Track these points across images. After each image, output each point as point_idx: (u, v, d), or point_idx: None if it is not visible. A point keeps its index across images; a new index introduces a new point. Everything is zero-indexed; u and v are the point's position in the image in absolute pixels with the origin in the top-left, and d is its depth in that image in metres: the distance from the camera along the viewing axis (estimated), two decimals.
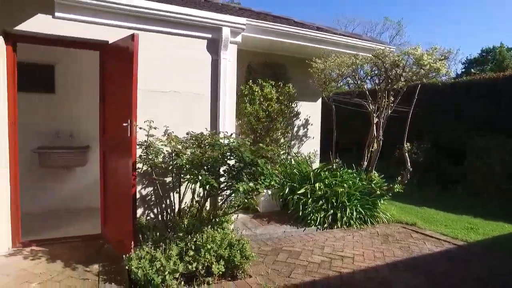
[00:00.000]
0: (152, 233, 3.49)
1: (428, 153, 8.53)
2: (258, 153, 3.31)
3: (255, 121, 5.50)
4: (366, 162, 5.88)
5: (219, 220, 3.86)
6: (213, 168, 3.32)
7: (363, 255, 4.04)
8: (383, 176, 5.77)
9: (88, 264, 3.38)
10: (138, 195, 3.93)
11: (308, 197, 5.01)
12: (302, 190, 5.05)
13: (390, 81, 5.38)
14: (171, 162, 3.81)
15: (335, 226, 4.96)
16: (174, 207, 4.05)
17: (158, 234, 3.48)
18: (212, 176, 3.22)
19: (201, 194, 3.97)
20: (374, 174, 5.65)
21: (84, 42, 3.84)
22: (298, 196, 5.06)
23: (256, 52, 5.75)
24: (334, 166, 5.83)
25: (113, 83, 3.78)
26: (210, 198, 3.95)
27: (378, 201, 5.37)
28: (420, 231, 4.99)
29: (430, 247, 4.36)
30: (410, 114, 5.47)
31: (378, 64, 5.33)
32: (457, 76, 17.16)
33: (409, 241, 4.58)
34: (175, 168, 3.75)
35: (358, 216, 5.09)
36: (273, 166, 3.55)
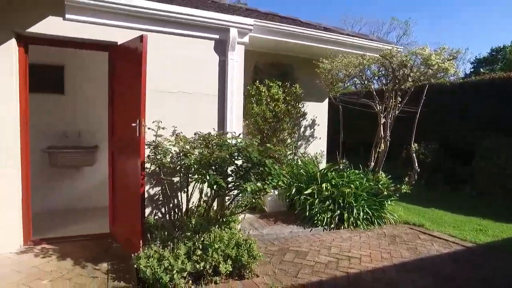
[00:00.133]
0: (160, 232, 3.52)
1: (435, 153, 8.46)
2: (266, 153, 3.32)
3: (262, 121, 5.51)
4: (373, 163, 5.86)
5: (226, 220, 3.88)
6: (221, 168, 3.34)
7: (370, 256, 4.03)
8: (390, 176, 5.74)
9: (97, 262, 3.42)
10: (146, 195, 3.95)
11: (315, 197, 5.01)
12: (309, 191, 5.05)
13: (397, 81, 5.35)
14: (179, 162, 3.84)
15: (342, 227, 4.95)
16: (181, 207, 4.08)
17: (166, 233, 3.51)
18: (220, 176, 3.24)
19: (208, 194, 4.00)
20: (381, 174, 5.62)
21: (93, 43, 3.90)
22: (305, 196, 5.06)
23: (263, 52, 5.76)
24: (341, 167, 5.82)
25: (122, 84, 3.83)
26: (217, 198, 3.97)
27: (385, 201, 5.34)
28: (428, 232, 4.95)
29: (438, 248, 4.33)
30: (417, 115, 5.44)
31: (385, 64, 5.31)
32: (465, 76, 16.95)
33: (416, 242, 4.56)
34: (183, 168, 3.78)
35: (365, 216, 5.07)
36: (280, 166, 3.56)
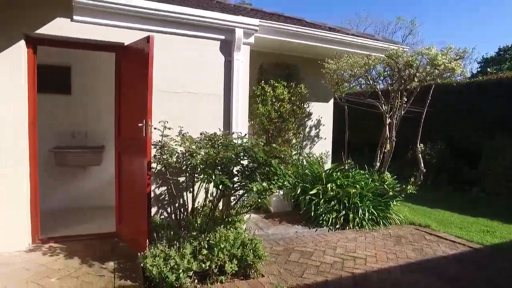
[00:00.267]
0: (166, 231, 3.54)
1: (442, 154, 8.40)
2: (272, 153, 3.33)
3: (267, 121, 5.52)
4: (378, 163, 5.84)
5: (232, 219, 3.90)
6: (226, 168, 3.35)
7: (376, 256, 4.01)
8: (396, 177, 5.71)
9: (103, 261, 3.45)
10: (152, 194, 3.98)
11: (320, 197, 5.01)
12: (314, 191, 5.05)
13: (403, 81, 5.33)
14: (185, 162, 3.86)
15: (347, 227, 4.94)
16: (187, 206, 4.10)
17: (172, 232, 3.53)
18: (226, 176, 3.26)
19: (214, 194, 4.02)
20: (386, 175, 5.60)
21: (100, 44, 3.93)
22: (310, 196, 5.06)
23: (268, 52, 5.77)
24: (346, 167, 5.81)
25: (128, 84, 3.86)
26: (223, 198, 3.99)
27: (390, 202, 5.32)
28: (433, 233, 4.93)
29: (444, 250, 4.30)
30: (423, 115, 5.41)
31: (391, 64, 5.28)
32: (472, 75, 16.74)
33: (422, 243, 4.53)
34: (189, 168, 3.80)
35: (370, 217, 5.06)
36: (285, 166, 3.57)
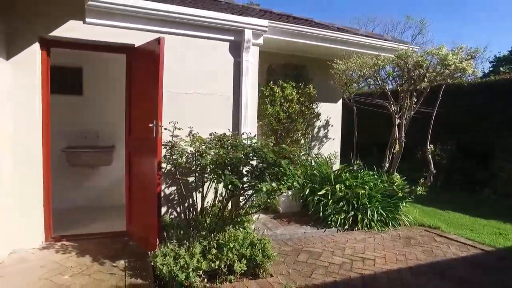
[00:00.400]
0: (176, 231, 3.59)
1: (452, 155, 8.30)
2: (281, 154, 3.35)
3: (276, 122, 5.53)
4: (387, 164, 5.80)
5: (241, 219, 3.92)
6: (236, 168, 3.38)
7: (385, 258, 4.00)
8: (405, 178, 5.67)
9: (114, 259, 3.51)
10: (162, 194, 4.02)
11: (328, 198, 5.00)
12: (322, 191, 5.04)
13: (413, 81, 5.29)
14: (195, 162, 3.90)
15: (356, 228, 4.92)
16: (196, 206, 4.14)
17: (181, 232, 3.57)
18: (235, 176, 3.28)
19: (223, 194, 4.04)
20: (395, 176, 5.56)
21: (111, 45, 3.99)
22: (318, 197, 5.06)
23: (276, 53, 5.78)
24: (354, 168, 5.78)
25: (139, 85, 3.91)
26: (232, 198, 4.01)
27: (400, 203, 5.28)
28: (444, 235, 4.88)
29: (455, 252, 4.26)
30: (433, 115, 5.36)
31: (400, 64, 5.25)
32: (484, 75, 16.43)
33: (432, 244, 4.49)
34: (199, 168, 3.83)
35: (379, 218, 5.03)
36: (294, 167, 3.58)
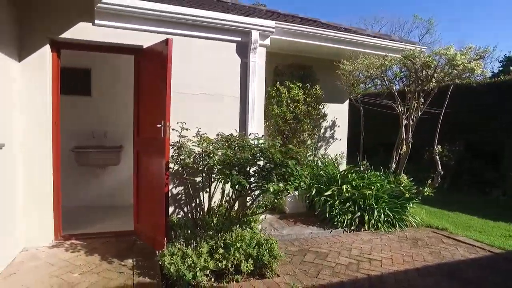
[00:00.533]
0: (183, 230, 3.62)
1: (460, 155, 8.22)
2: (288, 154, 3.36)
3: (282, 122, 5.54)
4: (394, 165, 5.78)
5: (247, 219, 3.94)
6: (243, 168, 3.40)
7: (392, 259, 3.98)
8: (412, 179, 5.64)
9: (122, 258, 3.55)
10: (169, 194, 4.06)
11: (335, 198, 5.00)
12: (329, 192, 5.04)
13: (420, 82, 5.26)
14: (202, 162, 3.92)
15: (362, 229, 4.91)
16: (203, 206, 4.17)
17: (189, 232, 3.60)
18: (242, 176, 3.30)
19: (230, 194, 4.06)
20: (402, 176, 5.53)
21: (120, 47, 4.04)
22: (325, 197, 5.05)
23: (283, 54, 5.79)
24: (361, 168, 5.77)
25: (147, 86, 3.95)
26: (239, 198, 4.03)
27: (407, 204, 5.25)
28: (452, 237, 4.84)
29: (463, 253, 4.22)
30: (441, 116, 5.32)
31: (407, 65, 5.22)
32: (493, 75, 16.17)
33: (440, 246, 4.46)
34: (206, 168, 3.86)
35: (386, 219, 5.01)
36: (301, 167, 3.58)
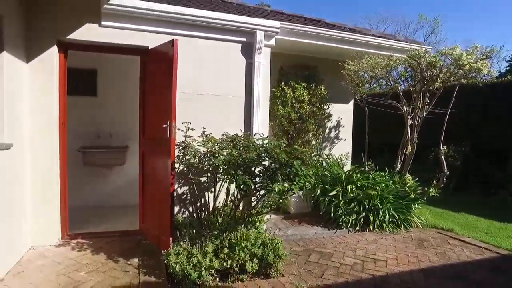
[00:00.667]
0: (188, 230, 3.64)
1: (466, 156, 8.16)
2: (293, 154, 3.37)
3: (287, 123, 5.54)
4: (399, 165, 5.75)
5: (252, 219, 3.95)
6: (249, 168, 3.41)
7: (397, 259, 3.97)
8: (417, 179, 5.61)
9: (128, 257, 3.57)
10: (174, 194, 4.08)
11: (339, 199, 4.99)
12: (333, 192, 5.03)
13: (425, 82, 5.24)
14: (207, 162, 3.94)
15: (367, 229, 4.90)
16: (208, 206, 4.19)
17: (194, 231, 3.62)
18: (248, 176, 3.31)
19: (235, 194, 4.08)
20: (407, 177, 5.51)
21: (126, 48, 4.07)
22: (329, 198, 5.05)
23: (288, 54, 5.79)
24: (366, 168, 5.75)
25: (152, 86, 3.98)
26: (244, 198, 4.04)
27: (412, 205, 5.23)
28: (457, 237, 4.80)
29: (469, 254, 4.19)
30: (447, 116, 5.29)
31: (413, 65, 5.21)
32: (500, 74, 15.99)
33: (445, 247, 4.44)
34: (211, 168, 3.87)
35: (391, 219, 5.00)
36: (305, 167, 3.59)
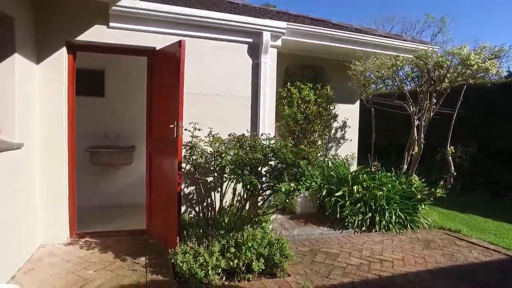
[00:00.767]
0: (195, 229, 3.66)
1: (474, 156, 8.09)
2: (300, 154, 3.38)
3: (293, 123, 5.55)
4: (406, 165, 5.72)
5: (258, 219, 3.96)
6: (255, 168, 3.43)
7: (403, 260, 3.95)
8: (424, 180, 5.58)
9: (135, 256, 3.61)
10: (181, 193, 4.11)
11: (345, 199, 4.98)
12: (339, 193, 5.03)
13: (432, 82, 5.20)
14: (214, 162, 3.97)
15: (373, 230, 4.89)
16: (215, 206, 4.21)
17: (200, 231, 3.64)
18: (254, 176, 3.33)
19: (242, 194, 4.09)
20: (414, 177, 5.48)
21: (133, 49, 4.11)
22: (335, 198, 5.04)
23: (294, 54, 5.80)
24: (372, 169, 5.73)
25: (160, 87, 4.01)
26: (250, 198, 4.05)
27: (418, 205, 5.20)
28: (465, 239, 4.77)
29: (477, 256, 4.16)
30: (454, 116, 5.25)
31: (419, 65, 5.18)
32: (509, 74, 15.80)
33: (452, 248, 4.41)
34: (218, 168, 3.90)
35: (397, 220, 4.98)
36: (312, 167, 3.59)
